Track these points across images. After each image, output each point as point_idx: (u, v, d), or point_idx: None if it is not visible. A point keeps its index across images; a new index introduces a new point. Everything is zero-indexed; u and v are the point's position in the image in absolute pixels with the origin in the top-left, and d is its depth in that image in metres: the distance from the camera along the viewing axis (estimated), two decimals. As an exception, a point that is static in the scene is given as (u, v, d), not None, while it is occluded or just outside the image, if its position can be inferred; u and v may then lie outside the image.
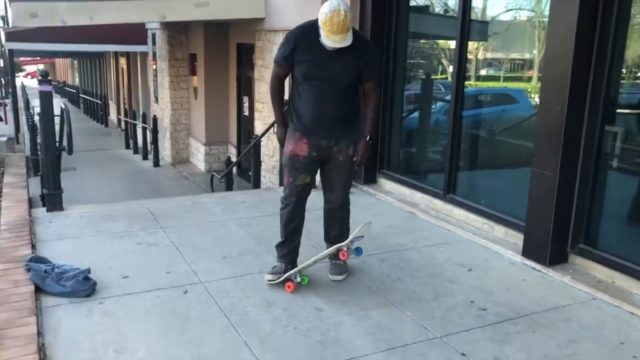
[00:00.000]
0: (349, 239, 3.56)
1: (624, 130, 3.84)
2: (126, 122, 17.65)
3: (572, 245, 3.89)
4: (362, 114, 3.62)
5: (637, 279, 3.49)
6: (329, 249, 3.61)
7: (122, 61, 20.76)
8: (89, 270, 3.54)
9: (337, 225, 3.74)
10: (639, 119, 3.99)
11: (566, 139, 3.72)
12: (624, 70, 3.77)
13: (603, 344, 3.01)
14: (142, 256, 4.03)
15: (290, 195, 3.59)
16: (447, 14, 5.73)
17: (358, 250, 3.61)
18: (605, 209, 3.86)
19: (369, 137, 3.54)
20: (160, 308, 3.27)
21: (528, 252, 4.03)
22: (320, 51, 3.30)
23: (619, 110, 3.82)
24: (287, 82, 3.76)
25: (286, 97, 3.74)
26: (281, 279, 3.54)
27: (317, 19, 3.27)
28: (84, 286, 3.39)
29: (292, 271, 3.54)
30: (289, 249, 3.66)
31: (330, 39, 3.21)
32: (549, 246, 3.86)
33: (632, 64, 3.84)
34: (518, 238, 4.19)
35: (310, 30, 3.35)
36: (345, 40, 3.22)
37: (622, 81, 3.77)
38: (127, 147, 16.69)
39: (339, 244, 3.55)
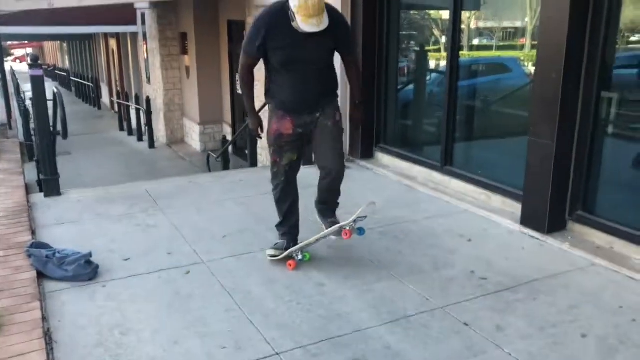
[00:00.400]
0: (352, 218, 3.48)
1: (619, 96, 3.83)
2: (119, 104, 17.51)
3: (571, 213, 3.91)
4: (337, 80, 3.59)
5: (636, 244, 3.52)
6: (332, 228, 3.55)
7: (112, 42, 20.51)
8: (90, 254, 3.55)
9: (327, 194, 3.64)
10: (634, 84, 3.98)
11: (563, 107, 3.71)
12: (619, 35, 3.74)
13: (603, 309, 3.04)
14: (142, 238, 4.04)
15: (278, 175, 3.57)
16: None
17: (360, 230, 3.55)
18: (603, 176, 3.87)
19: (360, 102, 3.65)
20: (163, 289, 3.29)
21: (526, 220, 4.05)
22: (294, 35, 3.18)
23: (614, 76, 3.81)
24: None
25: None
26: (283, 255, 3.56)
27: (287, 2, 3.16)
28: (86, 270, 3.40)
29: (293, 248, 3.56)
30: (288, 227, 3.66)
31: (307, 24, 3.09)
32: (547, 214, 3.88)
33: (627, 29, 3.81)
34: (516, 207, 4.21)
35: (279, 13, 3.21)
36: (323, 23, 3.12)
37: (617, 46, 3.75)
38: (121, 129, 16.59)
39: (342, 223, 3.50)
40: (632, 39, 3.93)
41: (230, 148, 9.63)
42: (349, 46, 3.53)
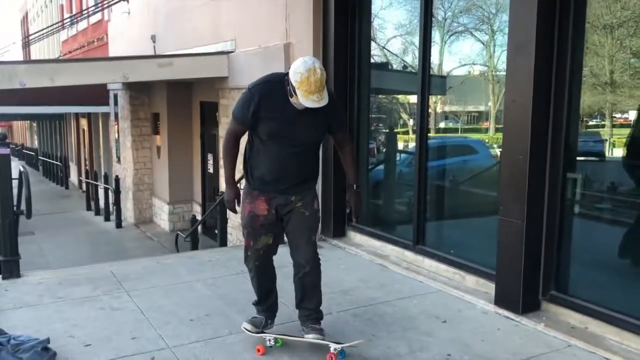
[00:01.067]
0: (343, 345, 3.24)
1: (584, 177, 3.94)
2: (87, 183, 17.34)
3: (544, 292, 3.90)
4: (319, 165, 3.51)
5: (610, 324, 3.50)
6: (317, 339, 3.31)
7: (83, 122, 20.58)
8: (48, 340, 3.35)
9: (302, 291, 3.43)
10: (595, 165, 4.11)
11: (530, 187, 3.79)
12: (580, 119, 3.90)
13: (582, 393, 2.97)
14: (105, 322, 3.85)
15: (250, 259, 3.41)
16: (407, 70, 5.90)
17: (342, 353, 3.29)
18: (574, 255, 3.91)
19: (355, 186, 3.45)
20: (125, 377, 3.10)
21: (500, 300, 4.02)
22: (287, 109, 3.14)
23: (578, 158, 3.93)
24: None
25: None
26: (257, 334, 3.41)
27: (286, 75, 3.14)
28: (42, 357, 3.20)
29: (266, 335, 3.40)
30: (266, 305, 3.53)
31: (308, 100, 3.04)
32: (521, 294, 3.86)
33: (585, 113, 3.99)
34: (489, 287, 4.19)
35: (277, 84, 3.17)
36: (323, 99, 3.07)
37: (578, 129, 3.90)
38: (89, 208, 16.32)
39: (318, 336, 3.31)
40: (591, 122, 4.11)
41: (199, 228, 9.50)
42: (340, 121, 3.46)
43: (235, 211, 3.44)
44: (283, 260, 3.66)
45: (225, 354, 3.37)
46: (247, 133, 3.34)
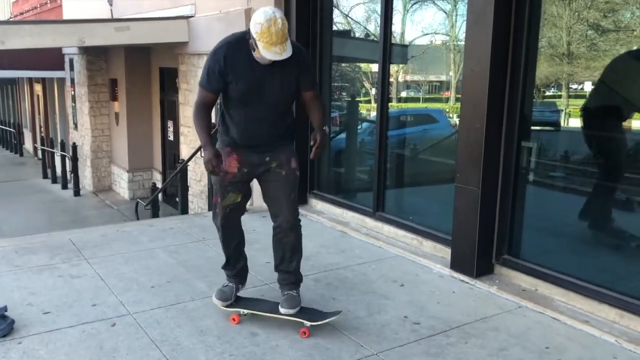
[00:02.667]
0: (318, 322, 3.22)
1: (538, 146, 4.07)
2: (43, 150, 16.85)
3: (497, 257, 4.05)
4: (294, 124, 3.41)
5: (558, 286, 3.67)
6: (289, 314, 3.25)
7: (38, 87, 19.88)
8: (5, 308, 3.31)
9: (282, 252, 3.37)
10: (551, 134, 4.24)
11: (486, 155, 3.89)
12: (535, 89, 4.00)
13: (530, 350, 3.13)
14: (64, 290, 3.82)
15: (218, 216, 3.35)
16: (369, 38, 5.91)
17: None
18: (526, 220, 4.05)
19: (324, 127, 3.25)
20: (86, 343, 3.10)
21: (456, 265, 4.15)
22: (254, 67, 3.03)
23: (533, 127, 4.05)
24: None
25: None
26: (229, 307, 3.40)
27: (247, 31, 2.99)
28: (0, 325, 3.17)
29: (238, 309, 3.39)
30: (235, 269, 3.49)
31: (270, 51, 2.89)
32: (475, 258, 3.99)
33: (542, 84, 4.09)
34: (446, 252, 4.32)
35: (239, 43, 3.04)
36: (286, 51, 2.93)
37: (534, 99, 4.01)
38: (45, 176, 15.91)
39: (289, 312, 3.23)
40: (548, 93, 4.22)
41: (160, 195, 9.42)
42: (311, 82, 3.26)
43: (217, 172, 3.11)
44: (247, 226, 3.68)
45: (186, 320, 3.41)
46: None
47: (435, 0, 5.16)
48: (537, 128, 4.13)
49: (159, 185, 10.38)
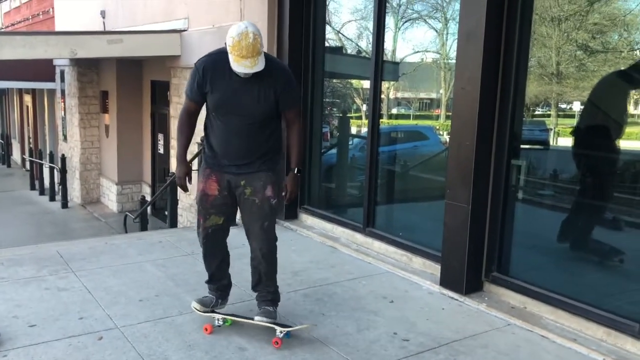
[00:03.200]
0: (290, 329, 3.27)
1: (527, 164, 4.11)
2: (31, 161, 16.72)
3: (486, 274, 4.06)
4: (281, 148, 3.40)
5: (546, 304, 3.68)
6: (261, 321, 3.33)
7: (27, 98, 19.80)
8: (-10, 320, 3.28)
9: (258, 275, 3.42)
10: (540, 153, 4.29)
11: (476, 172, 3.92)
12: (525, 107, 4.05)
13: (519, 368, 3.13)
14: (51, 302, 3.78)
15: (200, 235, 3.39)
16: (361, 55, 5.96)
17: (287, 334, 3.30)
18: (515, 238, 4.08)
19: (296, 169, 3.34)
20: (72, 357, 3.06)
21: (445, 281, 4.16)
22: (232, 80, 3.10)
23: (522, 146, 4.09)
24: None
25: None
26: (206, 313, 3.43)
27: (225, 44, 3.07)
28: (-15, 338, 3.12)
29: (217, 315, 3.43)
30: (217, 285, 3.53)
31: (240, 64, 2.98)
32: (465, 275, 4.00)
33: (532, 103, 4.14)
34: (435, 268, 4.33)
35: (219, 57, 3.13)
36: (257, 65, 3.00)
37: (524, 118, 4.05)
38: (33, 188, 15.78)
39: (276, 325, 3.28)
40: (537, 112, 4.27)
41: (149, 209, 9.37)
42: (289, 97, 3.26)
43: (186, 189, 3.38)
44: (235, 241, 3.68)
45: (174, 334, 3.38)
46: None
47: (427, 18, 5.22)
48: (527, 146, 4.17)
49: (148, 198, 10.33)
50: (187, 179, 3.36)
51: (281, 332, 3.25)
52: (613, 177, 3.84)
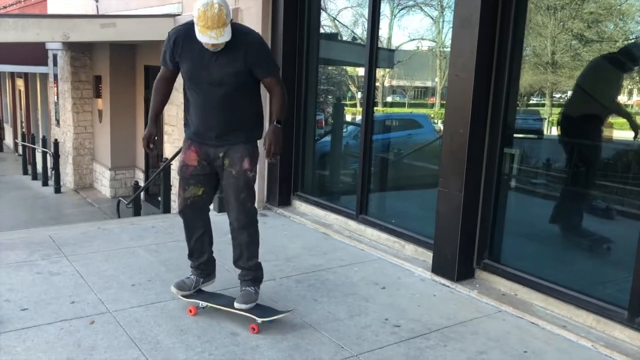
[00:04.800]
0: (268, 319, 3.26)
1: (520, 152, 4.12)
2: (24, 146, 16.62)
3: (478, 261, 4.09)
4: (261, 121, 3.41)
5: (537, 291, 3.72)
6: (240, 307, 3.29)
7: (19, 82, 19.63)
8: (-18, 304, 3.28)
9: (238, 249, 3.42)
10: (533, 142, 4.30)
11: (469, 160, 3.93)
12: (519, 96, 4.05)
13: (509, 354, 3.16)
14: (43, 286, 3.78)
15: (180, 206, 3.42)
16: (356, 42, 5.93)
17: (269, 321, 3.32)
18: (507, 226, 4.10)
19: (276, 121, 3.26)
20: (64, 341, 3.07)
21: (437, 268, 4.18)
22: (202, 51, 3.10)
23: (515, 134, 4.10)
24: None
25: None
26: (185, 297, 3.45)
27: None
28: (-24, 321, 3.12)
29: (200, 302, 3.44)
30: (197, 262, 3.52)
31: (205, 35, 2.97)
32: (457, 262, 4.03)
33: (526, 92, 4.14)
34: (427, 255, 4.35)
35: (191, 28, 3.08)
36: (223, 36, 2.98)
37: (517, 107, 4.06)
38: (25, 172, 15.69)
39: (242, 307, 3.28)
40: (531, 101, 4.27)
41: (142, 194, 9.35)
42: (266, 68, 3.24)
43: (148, 149, 3.41)
44: (225, 227, 3.67)
45: (166, 319, 3.39)
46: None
47: (422, 6, 5.20)
48: (520, 135, 4.18)
49: (142, 183, 10.30)
50: (151, 139, 3.39)
51: (262, 321, 3.25)
52: (603, 165, 3.86)
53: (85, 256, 4.38)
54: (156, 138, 3.41)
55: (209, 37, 2.98)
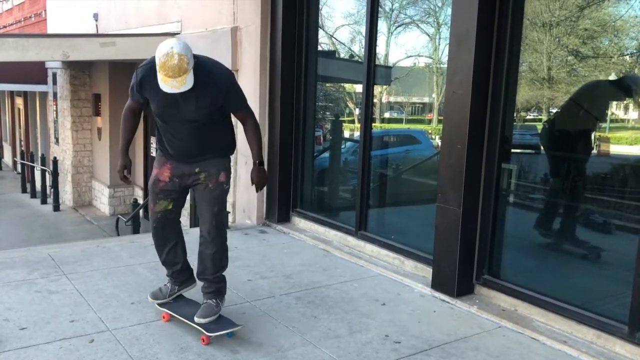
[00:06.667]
0: (219, 333, 3.26)
1: (518, 168, 4.14)
2: (23, 164, 16.64)
3: (477, 276, 4.08)
4: (233, 142, 3.52)
5: (537, 306, 3.71)
6: (198, 323, 3.29)
7: (19, 101, 19.70)
8: (-19, 323, 3.26)
9: (203, 262, 3.44)
10: (531, 157, 4.32)
11: (467, 176, 3.94)
12: (516, 112, 4.08)
13: (509, 370, 3.15)
14: (42, 305, 3.76)
15: (150, 221, 3.52)
16: (353, 59, 5.98)
17: (229, 334, 3.36)
18: (506, 241, 4.10)
19: (257, 162, 3.45)
20: (63, 360, 3.06)
21: (437, 284, 4.18)
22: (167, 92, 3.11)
23: (513, 150, 4.12)
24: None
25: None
26: (159, 305, 3.57)
27: None
28: (-25, 340, 3.11)
29: (164, 310, 3.56)
30: (171, 271, 3.60)
31: (167, 84, 2.99)
32: (456, 278, 4.02)
33: (522, 107, 4.18)
34: (427, 271, 4.35)
35: (153, 67, 3.12)
36: (185, 85, 3.00)
37: (514, 122, 4.09)
38: (24, 191, 15.69)
39: (203, 325, 3.27)
40: (528, 117, 4.30)
41: (141, 212, 9.35)
42: (235, 104, 3.34)
43: (126, 180, 3.54)
44: (228, 244, 3.67)
45: (166, 337, 3.38)
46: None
47: (419, 23, 5.26)
48: (518, 150, 4.20)
49: (141, 201, 10.30)
50: (125, 171, 3.52)
51: (210, 335, 3.28)
52: (601, 179, 3.88)
53: (85, 274, 4.37)
54: (129, 169, 3.54)
55: (170, 85, 3.01)
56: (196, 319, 3.31)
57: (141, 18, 9.57)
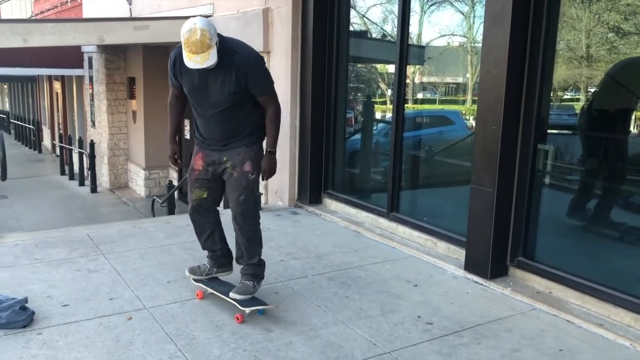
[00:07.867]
0: (252, 308, 3.36)
1: (555, 148, 4.06)
2: (61, 147, 17.04)
3: (511, 258, 4.04)
4: (262, 129, 3.48)
5: (572, 288, 3.66)
6: (232, 296, 3.41)
7: (57, 85, 20.13)
8: (25, 300, 3.39)
9: (240, 248, 3.54)
10: (567, 138, 4.23)
11: (502, 157, 3.89)
12: (553, 92, 3.99)
13: (543, 352, 3.12)
14: (82, 283, 3.89)
15: (189, 207, 3.61)
16: (386, 39, 5.91)
17: (260, 311, 3.45)
18: (541, 223, 4.04)
19: (269, 151, 3.47)
20: (103, 336, 3.16)
21: (470, 266, 4.15)
22: (196, 73, 3.22)
23: (549, 130, 4.04)
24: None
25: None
26: (195, 281, 3.68)
27: None
28: (20, 316, 3.23)
29: (202, 285, 3.66)
30: (211, 254, 3.71)
31: (191, 60, 3.07)
32: (490, 260, 3.99)
33: (560, 87, 4.08)
34: (460, 253, 4.32)
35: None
36: (208, 60, 3.06)
37: (551, 102, 3.99)
38: (63, 173, 16.09)
39: (238, 300, 3.38)
40: (565, 96, 4.20)
41: (176, 193, 9.50)
42: (259, 87, 3.33)
43: (177, 165, 3.72)
44: (261, 225, 3.71)
45: (202, 315, 3.45)
46: None
47: (453, 1, 5.16)
48: (554, 131, 4.11)
49: (175, 183, 10.46)
50: (175, 157, 3.67)
51: (244, 311, 3.36)
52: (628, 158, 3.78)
53: (122, 254, 4.48)
54: (179, 154, 3.66)
55: (194, 62, 3.08)
56: (231, 295, 3.42)
57: (173, 1, 9.63)
